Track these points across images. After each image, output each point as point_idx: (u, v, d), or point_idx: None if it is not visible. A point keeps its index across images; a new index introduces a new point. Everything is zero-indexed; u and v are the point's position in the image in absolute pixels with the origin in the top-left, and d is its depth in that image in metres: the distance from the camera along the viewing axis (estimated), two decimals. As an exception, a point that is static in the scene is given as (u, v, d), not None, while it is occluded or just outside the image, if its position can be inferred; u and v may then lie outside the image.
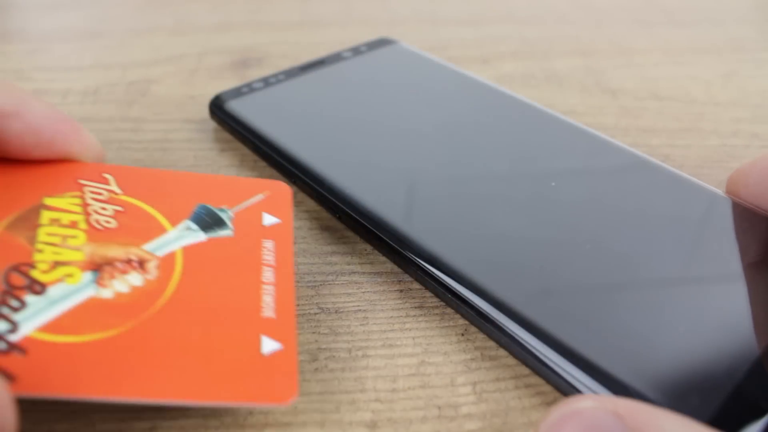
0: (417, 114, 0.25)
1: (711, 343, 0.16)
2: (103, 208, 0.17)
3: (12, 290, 0.15)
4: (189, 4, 0.39)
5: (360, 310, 0.19)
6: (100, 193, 0.18)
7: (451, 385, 0.17)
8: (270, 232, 0.18)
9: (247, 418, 0.16)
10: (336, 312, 0.19)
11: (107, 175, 0.18)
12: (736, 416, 0.14)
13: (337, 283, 0.20)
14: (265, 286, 0.17)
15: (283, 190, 0.20)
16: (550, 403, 0.17)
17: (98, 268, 0.16)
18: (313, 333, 0.18)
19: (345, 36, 0.35)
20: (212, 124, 0.27)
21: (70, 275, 0.16)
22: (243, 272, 0.17)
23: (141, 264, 0.16)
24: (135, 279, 0.16)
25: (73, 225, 0.17)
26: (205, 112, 0.28)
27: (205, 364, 0.15)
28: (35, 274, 0.15)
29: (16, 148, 0.18)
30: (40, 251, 0.16)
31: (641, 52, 0.34)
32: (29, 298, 0.15)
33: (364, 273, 0.20)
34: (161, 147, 0.26)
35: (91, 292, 0.15)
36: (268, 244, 0.18)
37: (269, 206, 0.19)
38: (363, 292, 0.20)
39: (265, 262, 0.17)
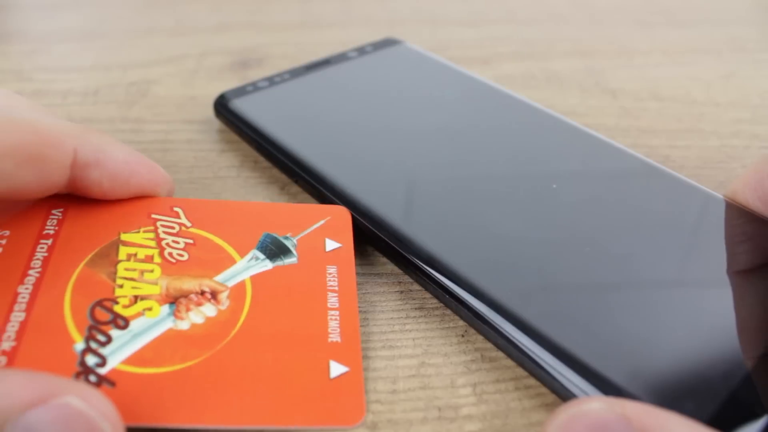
0: (421, 115, 0.25)
1: (707, 346, 0.16)
2: (175, 242, 0.18)
3: (98, 325, 0.16)
4: (189, 4, 0.39)
5: (360, 311, 0.19)
6: (171, 227, 0.19)
7: (452, 386, 0.17)
8: (333, 257, 0.19)
9: (248, 419, 0.16)
10: (336, 313, 0.19)
11: (177, 209, 0.19)
12: (732, 419, 0.14)
13: (337, 284, 0.20)
14: (331, 312, 0.17)
15: (343, 214, 0.20)
16: (550, 405, 0.17)
17: (174, 300, 0.17)
18: (314, 334, 0.18)
19: (345, 36, 0.35)
20: (213, 125, 0.27)
21: (149, 309, 0.17)
22: (309, 299, 0.18)
23: (213, 295, 0.17)
24: (209, 310, 0.17)
25: (149, 259, 0.18)
26: (205, 113, 0.28)
27: (277, 390, 0.16)
28: (118, 308, 0.16)
29: (95, 191, 0.19)
30: (120, 286, 0.17)
31: (641, 52, 0.34)
32: (114, 332, 0.16)
33: (364, 274, 0.20)
34: (161, 148, 0.26)
35: (169, 324, 0.16)
36: (332, 270, 0.18)
37: (330, 231, 0.19)
38: (363, 293, 0.20)
39: (329, 287, 0.18)
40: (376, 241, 0.20)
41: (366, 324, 0.19)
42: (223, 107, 0.26)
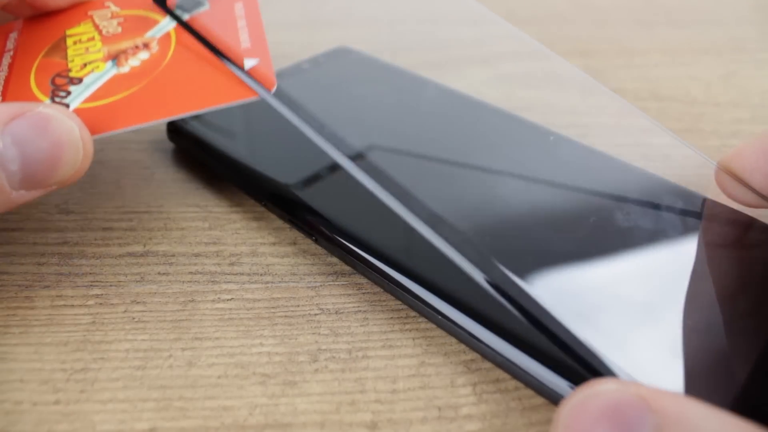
0: (371, 120, 0.25)
1: (714, 332, 0.16)
2: (110, 23, 0.23)
3: (58, 88, 0.20)
4: (189, 4, 0.39)
5: (360, 310, 0.19)
6: (105, 15, 0.23)
7: (451, 385, 0.17)
8: None
9: (247, 418, 0.16)
10: (336, 313, 0.19)
11: (108, 3, 0.24)
12: (751, 403, 0.14)
13: (337, 284, 0.20)
14: (240, 29, 0.22)
15: None
16: (550, 404, 0.17)
17: (115, 56, 0.21)
18: (313, 334, 0.18)
19: (345, 36, 0.35)
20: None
21: (97, 67, 0.21)
22: (223, 26, 0.22)
23: (146, 45, 0.22)
24: (143, 55, 0.21)
25: (91, 39, 0.22)
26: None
27: (209, 86, 0.20)
28: (72, 74, 0.21)
29: (44, 3, 0.23)
30: (71, 61, 0.21)
31: (641, 52, 0.34)
32: (71, 88, 0.20)
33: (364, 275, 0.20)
34: (162, 147, 0.26)
35: (113, 72, 0.21)
36: (238, 6, 0.23)
37: None
38: (363, 293, 0.20)
39: (237, 17, 0.22)
40: (352, 262, 0.20)
41: (366, 324, 0.19)
42: (174, 131, 0.25)
